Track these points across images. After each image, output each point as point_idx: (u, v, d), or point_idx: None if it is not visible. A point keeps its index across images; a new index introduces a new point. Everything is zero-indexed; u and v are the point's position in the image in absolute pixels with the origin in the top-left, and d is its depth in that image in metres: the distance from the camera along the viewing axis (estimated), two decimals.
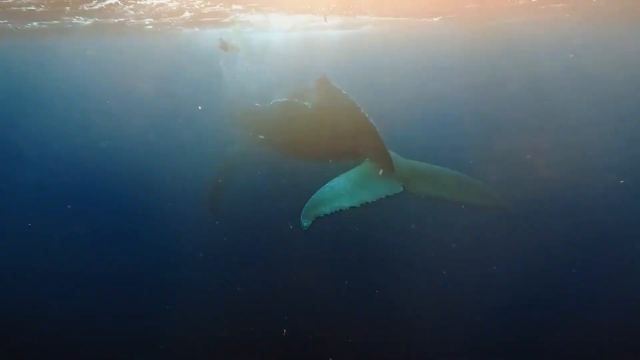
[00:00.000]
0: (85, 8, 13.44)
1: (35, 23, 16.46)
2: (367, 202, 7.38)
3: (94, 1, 12.72)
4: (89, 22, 16.02)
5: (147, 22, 15.21)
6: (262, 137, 11.23)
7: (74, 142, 23.30)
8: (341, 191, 7.58)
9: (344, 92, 8.96)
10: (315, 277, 12.04)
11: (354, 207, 7.30)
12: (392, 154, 8.35)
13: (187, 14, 15.49)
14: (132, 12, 14.33)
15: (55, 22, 16.01)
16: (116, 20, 14.81)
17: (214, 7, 14.85)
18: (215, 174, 14.04)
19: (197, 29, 18.67)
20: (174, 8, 14.48)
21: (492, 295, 11.46)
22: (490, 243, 13.04)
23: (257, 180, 15.27)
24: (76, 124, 25.99)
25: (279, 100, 10.83)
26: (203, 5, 14.57)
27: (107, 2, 12.85)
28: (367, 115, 8.37)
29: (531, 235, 13.72)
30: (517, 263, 12.40)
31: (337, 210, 7.23)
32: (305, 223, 7.11)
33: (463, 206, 8.22)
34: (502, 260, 12.53)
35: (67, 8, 13.63)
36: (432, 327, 10.72)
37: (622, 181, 16.01)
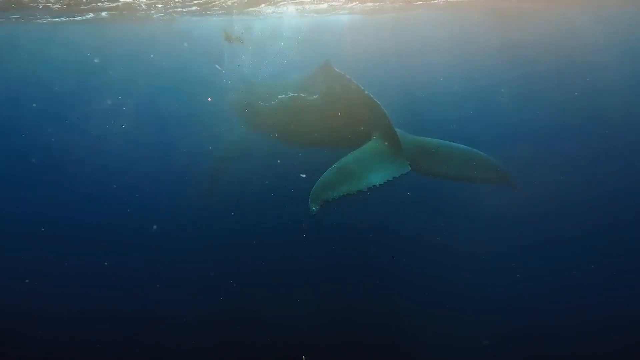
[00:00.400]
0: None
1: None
2: (375, 186, 7.20)
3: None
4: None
5: (145, 8, 14.92)
6: (266, 126, 11.21)
7: (71, 133, 23.18)
8: (348, 172, 7.37)
9: (348, 76, 8.77)
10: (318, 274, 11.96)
11: (362, 191, 7.11)
12: (399, 131, 8.18)
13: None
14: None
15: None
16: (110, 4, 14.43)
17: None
18: (214, 162, 13.99)
19: (196, 18, 18.51)
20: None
21: (501, 297, 11.38)
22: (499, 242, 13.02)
23: (259, 171, 15.16)
24: (73, 115, 25.72)
25: (282, 88, 10.84)
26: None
27: None
28: (372, 96, 8.21)
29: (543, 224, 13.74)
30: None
31: (345, 194, 7.05)
32: (314, 207, 6.92)
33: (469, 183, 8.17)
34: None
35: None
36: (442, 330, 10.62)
37: None
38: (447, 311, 11.04)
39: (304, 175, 7.18)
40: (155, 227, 14.60)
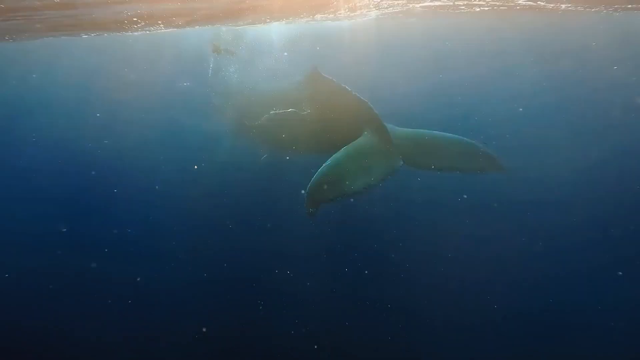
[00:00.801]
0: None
1: None
2: (369, 185, 7.18)
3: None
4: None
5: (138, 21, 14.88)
6: (257, 133, 11.23)
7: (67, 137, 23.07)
8: (342, 172, 7.28)
9: (335, 81, 8.91)
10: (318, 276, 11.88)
11: (358, 194, 7.09)
12: (389, 126, 8.19)
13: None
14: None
15: None
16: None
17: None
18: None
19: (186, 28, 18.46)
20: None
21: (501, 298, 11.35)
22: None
23: (253, 177, 15.09)
24: (68, 120, 25.50)
25: (271, 96, 10.88)
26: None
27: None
28: (359, 95, 8.28)
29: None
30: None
31: (343, 196, 7.01)
32: (310, 209, 6.86)
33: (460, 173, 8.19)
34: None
35: None
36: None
37: None
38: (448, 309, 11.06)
39: (304, 192, 7.11)
40: (148, 233, 14.62)
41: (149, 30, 15.09)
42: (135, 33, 15.34)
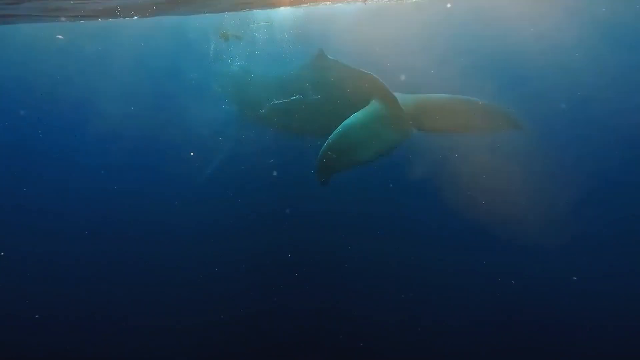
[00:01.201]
0: None
1: None
2: (380, 153, 7.07)
3: None
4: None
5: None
6: (265, 117, 11.25)
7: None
8: (352, 140, 7.13)
9: (343, 62, 8.88)
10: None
11: (369, 161, 6.94)
12: (398, 94, 8.02)
13: None
14: None
15: None
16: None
17: None
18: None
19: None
20: None
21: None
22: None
23: (261, 164, 14.94)
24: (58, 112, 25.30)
25: (278, 79, 10.88)
26: None
27: None
28: (364, 70, 8.13)
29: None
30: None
31: (352, 165, 6.89)
32: (322, 178, 6.76)
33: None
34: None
35: None
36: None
37: None
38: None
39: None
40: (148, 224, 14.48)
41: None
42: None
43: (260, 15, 15.66)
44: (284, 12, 16.33)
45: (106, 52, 29.27)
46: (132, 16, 13.30)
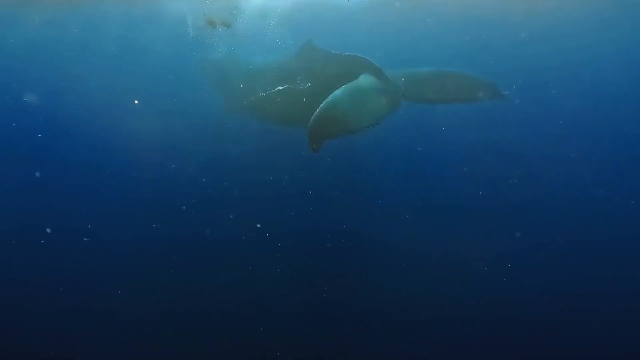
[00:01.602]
0: None
1: None
2: (371, 121, 7.52)
3: None
4: None
5: None
6: (252, 109, 11.05)
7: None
8: (344, 108, 7.49)
9: (333, 51, 9.14)
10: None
11: (360, 130, 7.36)
12: (388, 71, 8.57)
13: None
14: None
15: None
16: None
17: None
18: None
19: None
20: None
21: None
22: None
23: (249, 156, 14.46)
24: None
25: (266, 69, 10.69)
26: None
27: None
28: (356, 54, 8.58)
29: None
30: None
31: (343, 132, 7.27)
32: (314, 145, 7.02)
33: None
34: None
35: None
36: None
37: None
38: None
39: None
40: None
41: None
42: None
43: (248, 2, 15.32)
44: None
45: (77, 36, 28.03)
46: None
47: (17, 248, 12.47)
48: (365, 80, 8.17)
